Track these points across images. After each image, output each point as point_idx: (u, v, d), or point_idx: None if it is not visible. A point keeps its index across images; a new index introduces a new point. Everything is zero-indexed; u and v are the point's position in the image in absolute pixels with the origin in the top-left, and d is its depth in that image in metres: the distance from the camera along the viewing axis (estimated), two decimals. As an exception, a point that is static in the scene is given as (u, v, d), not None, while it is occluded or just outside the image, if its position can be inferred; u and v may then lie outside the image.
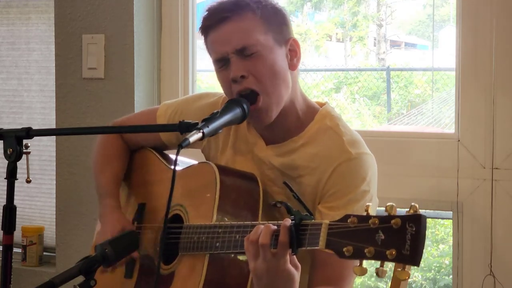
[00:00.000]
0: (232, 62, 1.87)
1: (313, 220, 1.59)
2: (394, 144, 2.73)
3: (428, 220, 3.23)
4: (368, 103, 3.35)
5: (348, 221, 1.47)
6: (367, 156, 1.91)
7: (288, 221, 1.62)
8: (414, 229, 1.39)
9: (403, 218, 1.40)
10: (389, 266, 1.47)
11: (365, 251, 1.42)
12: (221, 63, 1.90)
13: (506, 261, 2.58)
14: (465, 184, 2.62)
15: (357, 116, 3.32)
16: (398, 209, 1.45)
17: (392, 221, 1.41)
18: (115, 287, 2.06)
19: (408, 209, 1.44)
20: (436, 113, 3.17)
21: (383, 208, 2.09)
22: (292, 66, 1.94)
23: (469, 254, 2.63)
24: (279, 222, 1.65)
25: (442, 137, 2.73)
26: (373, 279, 3.22)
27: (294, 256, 1.65)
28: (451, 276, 2.81)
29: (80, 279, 1.69)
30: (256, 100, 1.87)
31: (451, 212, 2.66)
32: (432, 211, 2.80)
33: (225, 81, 1.91)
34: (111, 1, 3.08)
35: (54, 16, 3.21)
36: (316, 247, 1.54)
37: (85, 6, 3.13)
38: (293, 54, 1.94)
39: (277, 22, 1.92)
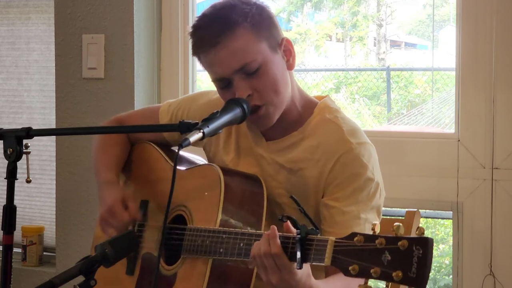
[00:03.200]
0: (236, 83, 1.86)
1: (319, 235, 1.59)
2: (394, 144, 2.73)
3: (428, 220, 3.23)
4: (368, 103, 3.35)
5: (355, 239, 1.47)
6: (367, 145, 1.92)
7: (274, 229, 1.63)
8: (421, 252, 1.38)
9: (410, 240, 1.40)
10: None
11: (371, 271, 1.42)
12: (222, 83, 1.89)
13: (506, 261, 2.58)
14: (465, 184, 2.62)
15: (357, 116, 3.32)
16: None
17: (399, 243, 1.40)
18: (116, 282, 2.07)
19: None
20: (436, 113, 3.17)
21: (387, 208, 2.09)
22: (289, 66, 1.94)
23: (469, 254, 2.63)
24: (284, 234, 1.64)
25: (442, 137, 2.73)
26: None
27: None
28: (451, 276, 2.81)
29: (80, 279, 1.69)
30: (258, 109, 1.87)
31: (451, 212, 2.66)
32: (432, 211, 2.80)
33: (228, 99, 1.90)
34: (111, 1, 3.08)
35: (54, 16, 3.21)
36: (321, 263, 1.54)
37: (85, 6, 3.13)
38: (288, 53, 1.94)
39: (267, 26, 1.90)
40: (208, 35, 1.86)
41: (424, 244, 1.38)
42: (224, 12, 1.87)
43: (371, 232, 1.46)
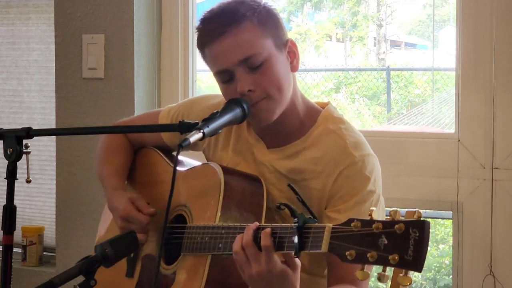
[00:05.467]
0: (238, 76, 1.85)
1: (316, 223, 1.59)
2: (394, 144, 2.73)
3: (428, 220, 3.23)
4: (368, 103, 3.35)
5: (352, 225, 1.47)
6: (370, 158, 1.92)
7: (267, 230, 1.63)
8: (417, 234, 1.38)
9: (406, 223, 1.40)
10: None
11: (368, 255, 1.42)
12: (224, 76, 1.88)
13: (506, 261, 2.58)
14: (465, 184, 2.62)
15: (357, 116, 3.32)
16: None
17: (396, 226, 1.40)
18: (116, 285, 2.07)
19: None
20: (436, 113, 3.17)
21: (388, 208, 2.09)
22: (293, 67, 1.94)
23: (469, 254, 2.63)
24: (282, 224, 1.65)
25: (442, 137, 2.73)
26: (373, 279, 3.22)
27: (293, 256, 1.65)
28: (451, 276, 2.82)
29: (80, 279, 1.69)
30: (258, 102, 1.86)
31: (451, 212, 2.66)
32: (432, 211, 2.80)
33: (230, 94, 1.89)
34: (111, 1, 3.08)
35: (54, 16, 3.21)
36: (318, 251, 1.54)
37: (85, 6, 3.13)
38: (292, 55, 1.94)
39: (273, 25, 1.91)
40: (215, 26, 1.87)
41: (421, 227, 1.38)
42: (232, 6, 1.90)
43: None
